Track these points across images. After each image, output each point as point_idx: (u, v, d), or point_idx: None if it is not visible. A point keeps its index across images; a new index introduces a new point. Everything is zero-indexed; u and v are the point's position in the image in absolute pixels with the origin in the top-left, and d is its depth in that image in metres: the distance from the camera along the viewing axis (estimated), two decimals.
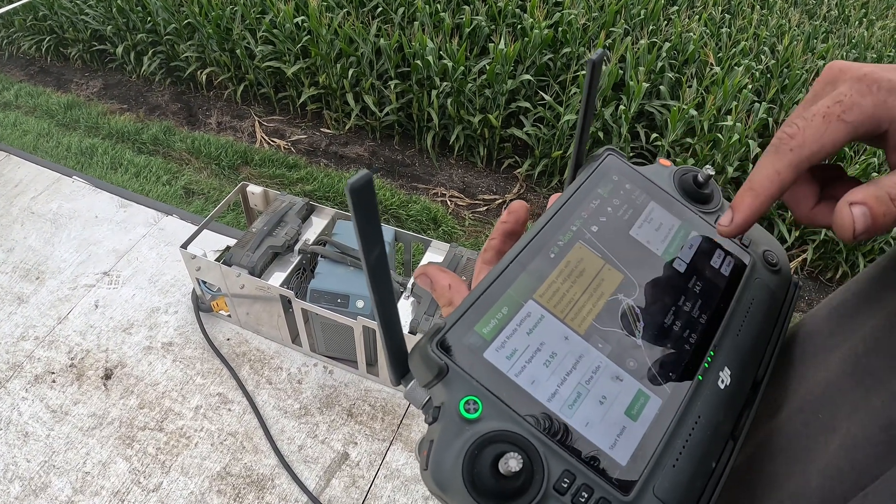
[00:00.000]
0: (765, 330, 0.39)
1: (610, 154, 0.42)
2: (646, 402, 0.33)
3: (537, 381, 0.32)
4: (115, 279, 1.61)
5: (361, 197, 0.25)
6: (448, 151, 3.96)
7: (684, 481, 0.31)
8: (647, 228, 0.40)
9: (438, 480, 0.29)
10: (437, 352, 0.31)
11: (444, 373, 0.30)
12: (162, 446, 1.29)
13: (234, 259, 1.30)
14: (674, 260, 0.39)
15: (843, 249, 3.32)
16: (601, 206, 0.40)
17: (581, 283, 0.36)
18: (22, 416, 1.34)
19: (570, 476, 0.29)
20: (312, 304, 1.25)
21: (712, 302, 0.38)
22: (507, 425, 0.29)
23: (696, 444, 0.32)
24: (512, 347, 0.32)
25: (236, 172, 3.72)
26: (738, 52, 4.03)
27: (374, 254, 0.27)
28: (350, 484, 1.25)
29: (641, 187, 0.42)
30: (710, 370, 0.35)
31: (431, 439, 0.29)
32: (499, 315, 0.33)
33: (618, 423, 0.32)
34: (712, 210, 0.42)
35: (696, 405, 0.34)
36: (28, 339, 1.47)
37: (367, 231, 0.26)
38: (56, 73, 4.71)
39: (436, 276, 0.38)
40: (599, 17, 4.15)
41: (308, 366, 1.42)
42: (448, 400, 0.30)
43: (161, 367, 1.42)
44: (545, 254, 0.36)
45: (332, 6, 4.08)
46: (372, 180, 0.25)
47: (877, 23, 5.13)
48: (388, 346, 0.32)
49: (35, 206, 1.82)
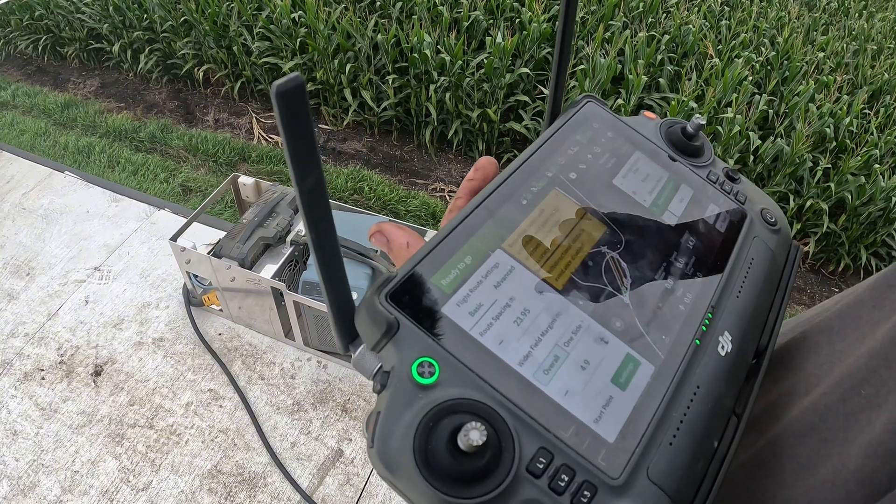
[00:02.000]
0: (766, 293, 0.34)
1: (589, 101, 0.38)
2: (636, 368, 0.28)
3: (506, 341, 0.27)
4: (106, 274, 1.58)
5: (291, 104, 0.19)
6: (447, 146, 3.93)
7: (683, 462, 0.26)
8: (632, 178, 0.35)
9: (385, 459, 0.24)
10: (386, 305, 0.26)
11: (394, 329, 0.26)
12: (152, 444, 1.26)
13: (224, 251, 1.27)
14: (663, 213, 0.34)
15: (846, 242, 3.29)
16: (580, 152, 0.35)
17: (558, 234, 0.31)
18: (10, 415, 1.31)
19: (546, 455, 0.24)
20: (305, 297, 1.22)
21: (708, 259, 0.33)
22: (469, 392, 0.25)
23: (695, 418, 0.28)
24: (476, 302, 0.28)
25: (234, 169, 3.69)
26: (737, 45, 4.00)
27: (309, 179, 0.22)
28: (344, 482, 1.22)
29: (625, 136, 0.37)
30: (709, 334, 0.30)
31: (378, 410, 0.25)
32: (461, 265, 0.28)
33: (603, 392, 0.27)
34: (703, 164, 0.38)
35: (694, 373, 0.29)
36: (17, 335, 1.45)
37: (299, 148, 0.21)
38: (53, 73, 4.68)
39: (392, 232, 0.33)
40: (598, 10, 4.12)
41: (301, 360, 1.40)
42: (399, 362, 0.25)
43: (152, 363, 1.39)
44: (516, 200, 0.32)
45: (329, 1, 4.06)
46: (303, 84, 0.19)
47: (877, 14, 5.10)
48: (331, 301, 0.27)
49: (26, 201, 1.80)
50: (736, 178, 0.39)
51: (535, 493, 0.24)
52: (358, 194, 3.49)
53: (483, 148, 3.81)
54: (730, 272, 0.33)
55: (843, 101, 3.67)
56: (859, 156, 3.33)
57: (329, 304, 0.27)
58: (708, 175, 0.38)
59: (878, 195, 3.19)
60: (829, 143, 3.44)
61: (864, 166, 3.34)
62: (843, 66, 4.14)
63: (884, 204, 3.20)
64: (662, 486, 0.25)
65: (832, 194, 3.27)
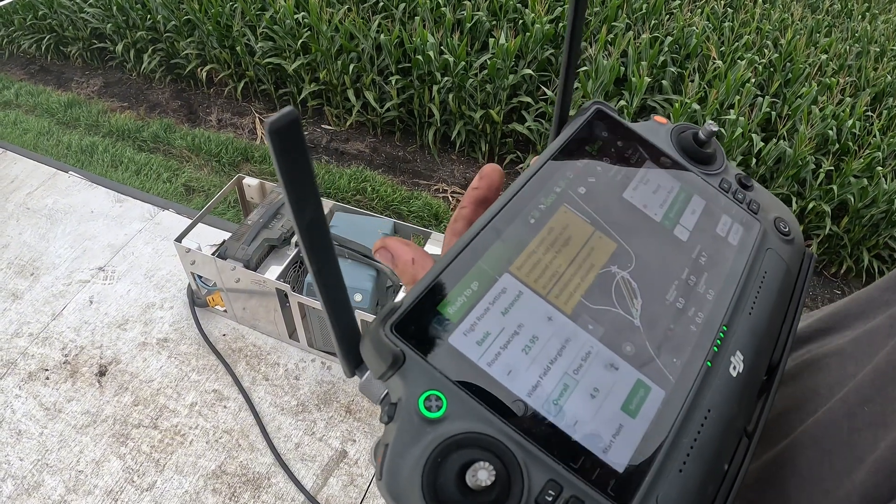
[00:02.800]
0: (779, 307, 0.33)
1: (598, 107, 0.37)
2: (646, 394, 0.28)
3: (515, 371, 0.27)
4: (111, 275, 1.59)
5: (285, 140, 0.19)
6: (449, 147, 3.93)
7: (694, 488, 0.26)
8: (642, 191, 0.34)
9: (394, 493, 0.24)
10: (391, 337, 0.26)
11: (399, 362, 0.25)
12: (156, 444, 1.27)
13: (228, 252, 1.27)
14: (675, 227, 0.34)
15: (848, 244, 3.29)
16: (589, 165, 0.34)
17: (567, 254, 0.31)
18: (15, 414, 1.31)
19: (556, 487, 0.24)
20: (309, 298, 1.22)
21: (720, 275, 0.33)
22: (477, 426, 0.25)
23: (706, 442, 0.27)
24: (483, 331, 0.27)
25: (237, 169, 3.70)
26: (740, 46, 4.00)
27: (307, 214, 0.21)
28: (348, 482, 1.22)
29: (635, 145, 0.36)
30: (721, 354, 0.30)
31: (387, 443, 0.25)
32: (467, 292, 0.28)
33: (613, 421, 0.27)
34: (715, 172, 0.37)
35: (705, 396, 0.28)
36: (22, 335, 1.45)
37: (296, 184, 0.20)
38: (56, 72, 4.69)
39: (397, 249, 0.32)
40: (601, 11, 4.12)
41: (305, 361, 1.40)
42: (406, 395, 0.25)
43: (156, 363, 1.39)
44: (524, 219, 0.31)
45: (332, 2, 4.06)
46: (297, 119, 0.19)
47: (880, 17, 5.09)
48: (335, 328, 0.26)
49: (31, 201, 1.80)
50: (749, 185, 0.38)
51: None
52: (361, 195, 3.49)
53: (486, 149, 3.81)
54: (742, 288, 0.33)
55: (845, 103, 3.67)
56: (862, 158, 3.33)
57: (334, 332, 0.27)
58: (720, 184, 0.37)
59: (881, 197, 3.19)
60: (832, 146, 3.43)
61: (866, 168, 3.34)
62: (846, 68, 4.14)
63: (886, 206, 3.20)
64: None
65: (835, 196, 3.27)
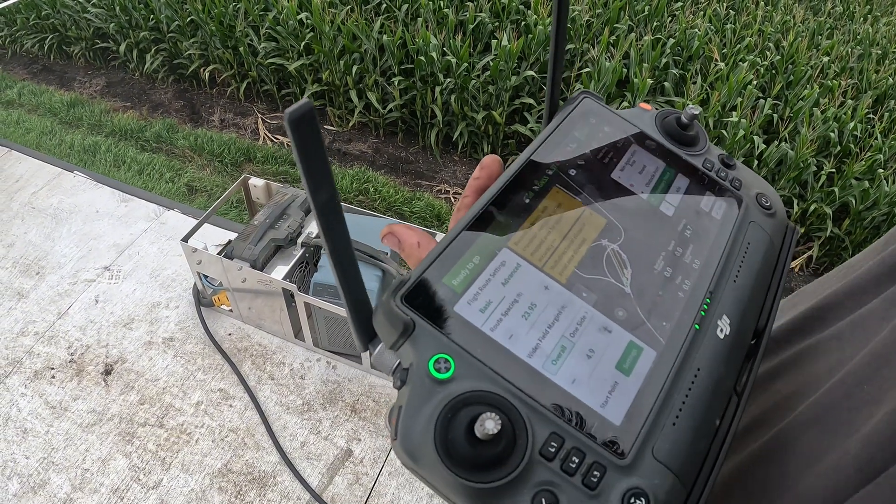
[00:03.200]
0: (763, 276, 0.36)
1: (586, 97, 0.39)
2: (638, 354, 0.30)
3: (515, 335, 0.29)
4: (116, 274, 1.59)
5: (302, 128, 0.21)
6: (452, 148, 3.94)
7: (686, 441, 0.28)
8: (629, 171, 0.37)
9: (409, 450, 0.26)
10: (402, 307, 0.28)
11: (410, 330, 0.28)
12: (162, 443, 1.27)
13: (235, 252, 1.28)
14: (661, 203, 0.36)
15: (849, 246, 3.29)
16: (578, 148, 0.37)
17: (560, 229, 0.33)
18: (21, 412, 1.32)
19: (557, 439, 0.26)
20: (316, 298, 1.23)
21: (705, 246, 0.35)
22: (483, 385, 0.27)
23: (696, 399, 0.29)
24: (486, 299, 0.29)
25: (239, 170, 3.70)
26: (742, 49, 4.01)
27: (322, 196, 0.24)
28: (354, 481, 1.23)
29: (621, 130, 0.39)
30: (708, 318, 0.32)
31: (400, 405, 0.27)
32: (470, 265, 0.30)
33: (608, 379, 0.29)
34: (698, 152, 0.39)
35: (694, 357, 0.31)
36: (27, 334, 1.46)
37: (312, 168, 0.23)
38: (59, 72, 4.70)
39: (403, 233, 0.34)
40: (603, 13, 4.13)
41: (311, 361, 1.40)
42: (416, 360, 0.27)
43: (162, 362, 1.40)
44: (519, 199, 0.33)
45: (335, 2, 4.07)
46: (313, 110, 0.21)
47: (882, 19, 5.10)
48: (349, 304, 0.28)
49: (36, 201, 1.81)
50: (731, 164, 0.40)
51: (548, 475, 0.25)
52: (363, 195, 3.50)
53: (488, 150, 3.81)
54: (726, 258, 0.35)
55: (847, 105, 3.68)
56: (863, 160, 3.33)
57: (347, 307, 0.28)
58: (703, 163, 0.39)
59: (882, 199, 3.19)
60: (834, 148, 3.44)
61: (867, 171, 3.34)
62: (848, 70, 4.14)
63: (887, 208, 3.20)
64: (668, 465, 0.27)
65: (836, 198, 3.27)
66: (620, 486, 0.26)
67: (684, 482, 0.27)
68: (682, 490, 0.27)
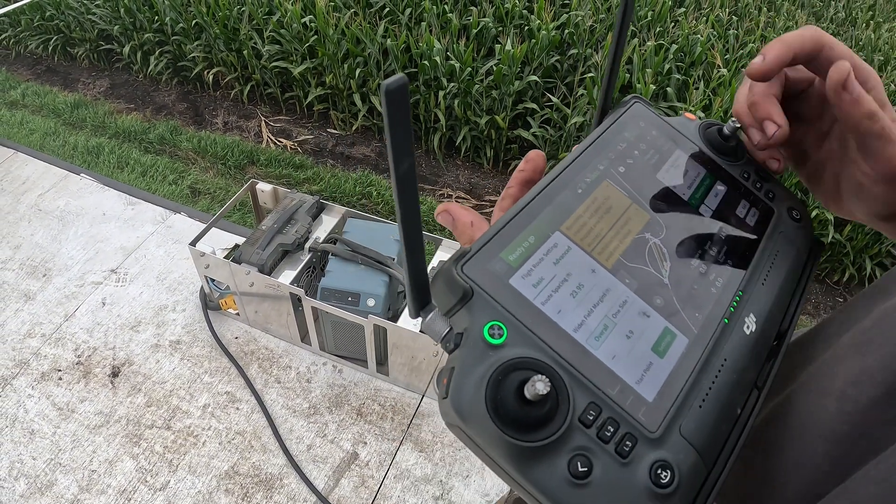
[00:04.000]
0: (789, 282, 0.38)
1: (637, 102, 0.42)
2: (672, 339, 0.32)
3: (563, 310, 0.31)
4: (123, 277, 1.60)
5: (394, 100, 0.23)
6: (455, 152, 3.94)
7: (710, 423, 0.30)
8: (673, 173, 0.40)
9: (459, 408, 0.28)
10: (462, 275, 0.30)
11: (468, 296, 0.30)
12: (169, 445, 1.28)
13: (243, 257, 1.29)
14: (700, 205, 0.39)
15: (851, 252, 3.30)
16: (628, 148, 0.39)
17: (608, 220, 0.35)
18: (28, 414, 1.33)
19: (595, 409, 0.28)
20: (323, 303, 1.24)
21: (738, 249, 0.38)
22: (533, 352, 0.29)
23: (722, 386, 0.32)
24: (538, 276, 0.32)
25: (242, 172, 3.71)
26: (745, 54, 4.01)
27: (403, 165, 0.26)
28: (359, 484, 1.24)
29: (668, 135, 0.42)
30: (736, 315, 0.35)
31: (452, 366, 0.28)
32: (525, 244, 0.33)
33: (644, 359, 0.31)
34: (737, 163, 0.42)
35: (722, 348, 0.33)
36: (35, 336, 1.47)
37: (398, 139, 0.25)
38: (63, 73, 4.71)
39: (458, 212, 0.37)
40: (607, 18, 4.14)
41: (317, 365, 1.41)
42: (471, 325, 0.29)
43: (169, 365, 1.41)
44: (572, 189, 0.36)
45: (339, 6, 4.08)
46: (407, 85, 0.23)
47: (884, 25, 5.11)
48: (410, 271, 0.30)
49: (42, 203, 1.81)
50: (766, 176, 0.43)
51: (585, 441, 0.27)
52: (366, 199, 3.50)
53: (491, 155, 3.82)
54: (756, 262, 0.38)
55: None
56: None
57: (408, 272, 0.30)
58: (741, 173, 0.42)
59: None
60: None
61: None
62: None
63: None
64: (692, 442, 0.29)
65: None
66: (649, 458, 0.28)
67: (706, 461, 0.30)
68: (703, 467, 0.29)
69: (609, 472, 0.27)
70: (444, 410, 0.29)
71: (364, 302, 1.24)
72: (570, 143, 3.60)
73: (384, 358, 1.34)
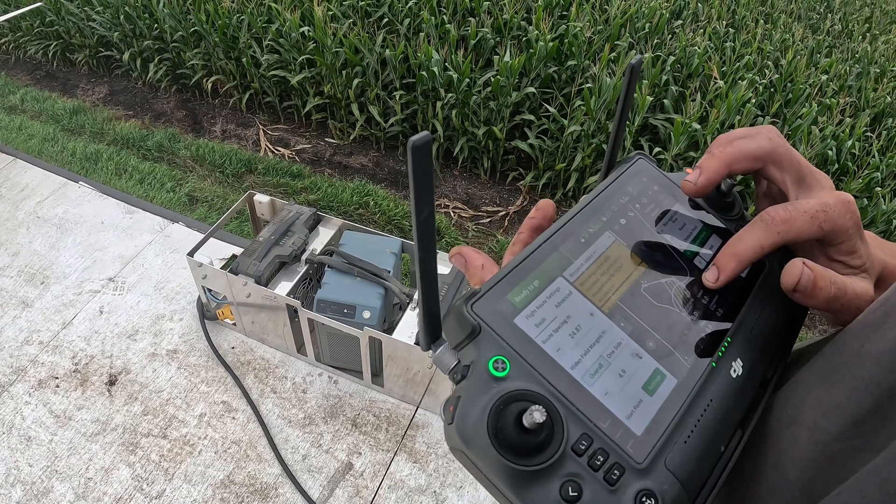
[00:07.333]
0: (776, 331, 0.41)
1: (640, 158, 0.45)
2: (662, 379, 0.35)
3: (563, 349, 0.34)
4: (121, 285, 1.61)
5: (419, 155, 0.26)
6: (452, 163, 3.96)
7: (694, 458, 0.33)
8: (671, 227, 0.43)
9: (463, 433, 0.30)
10: (471, 312, 0.33)
11: (476, 332, 0.32)
12: (165, 453, 1.29)
13: (240, 268, 1.30)
14: (695, 257, 0.42)
15: None
16: (630, 202, 0.43)
17: (607, 268, 0.39)
18: (25, 421, 1.33)
19: (587, 439, 0.31)
20: (319, 314, 1.25)
21: (729, 298, 0.41)
22: (533, 385, 0.31)
23: (707, 425, 0.34)
24: (541, 317, 0.34)
25: (240, 180, 3.72)
26: (741, 67, 4.04)
27: (424, 213, 0.29)
28: (354, 494, 1.24)
29: (668, 190, 0.45)
30: (724, 359, 0.37)
31: (459, 395, 0.31)
32: (530, 287, 0.36)
33: (635, 396, 0.34)
34: (733, 217, 0.45)
35: (708, 389, 0.36)
36: (32, 343, 1.47)
37: (420, 189, 0.28)
38: (62, 79, 4.72)
39: (470, 255, 0.40)
40: (604, 30, 4.17)
41: (313, 375, 1.42)
42: (478, 358, 0.32)
43: (165, 374, 1.41)
44: (576, 238, 0.39)
45: (337, 16, 4.10)
46: (431, 142, 0.26)
47: (880, 37, 5.15)
48: (424, 308, 0.33)
49: (41, 210, 1.82)
50: None
51: (576, 468, 0.30)
52: (363, 209, 3.52)
53: (488, 165, 3.84)
54: (745, 311, 0.41)
55: (845, 123, 3.71)
56: (861, 178, 3.36)
57: (422, 310, 0.33)
58: (735, 227, 0.44)
59: (880, 218, 3.22)
60: (832, 166, 3.47)
61: (865, 189, 3.38)
62: (846, 88, 4.18)
63: (885, 226, 3.23)
64: (676, 474, 0.32)
65: None
66: (635, 486, 0.30)
67: (689, 492, 0.32)
68: (686, 499, 0.32)
69: (597, 497, 0.30)
70: (448, 435, 0.31)
71: (360, 314, 1.26)
72: (567, 154, 3.62)
73: (379, 369, 1.35)
